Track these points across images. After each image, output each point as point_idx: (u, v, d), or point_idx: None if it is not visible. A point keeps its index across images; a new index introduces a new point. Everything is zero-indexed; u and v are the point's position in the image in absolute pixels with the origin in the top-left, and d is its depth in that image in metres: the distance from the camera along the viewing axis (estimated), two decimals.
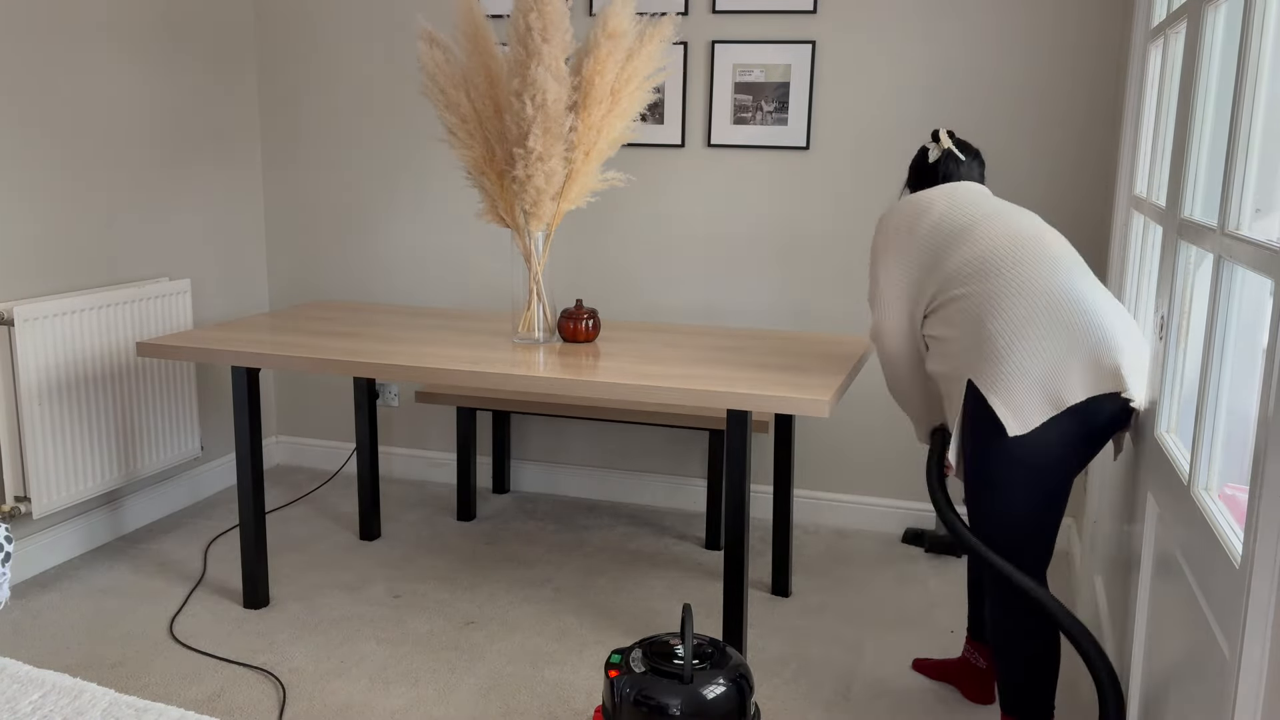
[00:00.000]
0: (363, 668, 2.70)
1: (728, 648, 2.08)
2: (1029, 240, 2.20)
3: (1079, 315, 2.09)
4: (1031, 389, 2.08)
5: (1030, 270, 2.14)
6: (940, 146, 2.45)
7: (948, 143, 2.45)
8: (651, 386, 2.40)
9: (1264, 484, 1.23)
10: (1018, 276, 2.14)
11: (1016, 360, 2.09)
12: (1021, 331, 2.09)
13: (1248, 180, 1.54)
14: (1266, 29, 1.50)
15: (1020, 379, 2.08)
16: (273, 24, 4.01)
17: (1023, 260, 2.16)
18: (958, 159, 2.44)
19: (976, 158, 2.48)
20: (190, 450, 3.71)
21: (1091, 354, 2.07)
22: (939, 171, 2.44)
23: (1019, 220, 2.26)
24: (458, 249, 3.96)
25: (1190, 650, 1.59)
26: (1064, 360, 2.07)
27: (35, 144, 3.13)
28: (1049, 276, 2.13)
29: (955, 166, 2.43)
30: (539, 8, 2.60)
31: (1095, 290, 2.15)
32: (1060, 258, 2.19)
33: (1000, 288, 2.14)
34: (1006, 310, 2.12)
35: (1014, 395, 2.09)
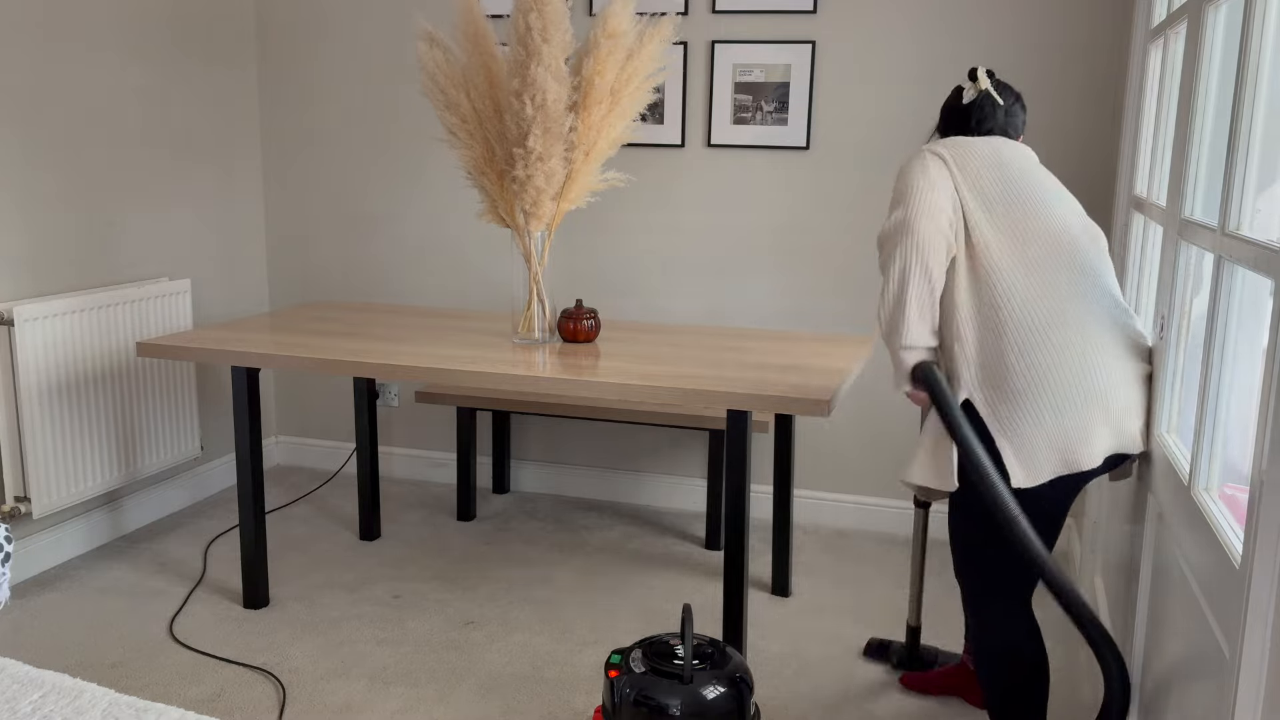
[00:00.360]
0: (363, 668, 2.69)
1: (728, 648, 2.07)
2: (1059, 246, 2.01)
3: (1097, 370, 1.95)
4: (1046, 443, 1.94)
5: (1049, 289, 1.97)
6: (977, 87, 2.18)
7: (986, 83, 2.17)
8: (651, 386, 2.40)
9: (1264, 484, 1.23)
10: (1033, 296, 1.96)
11: (1035, 409, 1.93)
12: (1037, 377, 1.93)
13: (1248, 180, 1.54)
14: (1267, 29, 1.50)
15: (1035, 429, 1.94)
16: (273, 24, 4.01)
17: (1044, 274, 1.98)
18: (995, 102, 2.16)
19: (1018, 100, 2.20)
20: (190, 450, 3.71)
21: (1111, 416, 1.95)
22: (973, 116, 2.17)
23: (1058, 215, 2.04)
24: (458, 249, 3.96)
25: (1190, 650, 1.59)
26: (1083, 420, 1.93)
27: (35, 144, 3.13)
28: (1066, 304, 1.97)
29: (993, 111, 2.16)
30: (539, 8, 2.60)
31: (1108, 325, 2.00)
32: (1084, 272, 2.01)
33: (1012, 306, 1.96)
34: (1018, 340, 1.95)
35: (1026, 444, 1.95)
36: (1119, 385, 1.96)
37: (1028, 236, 2.00)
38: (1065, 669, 2.75)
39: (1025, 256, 1.98)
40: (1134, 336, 2.04)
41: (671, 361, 2.64)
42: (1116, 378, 1.96)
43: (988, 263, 1.99)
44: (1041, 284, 1.97)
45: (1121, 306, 2.06)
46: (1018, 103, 2.20)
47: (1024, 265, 1.98)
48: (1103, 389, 1.95)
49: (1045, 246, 2.00)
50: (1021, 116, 2.21)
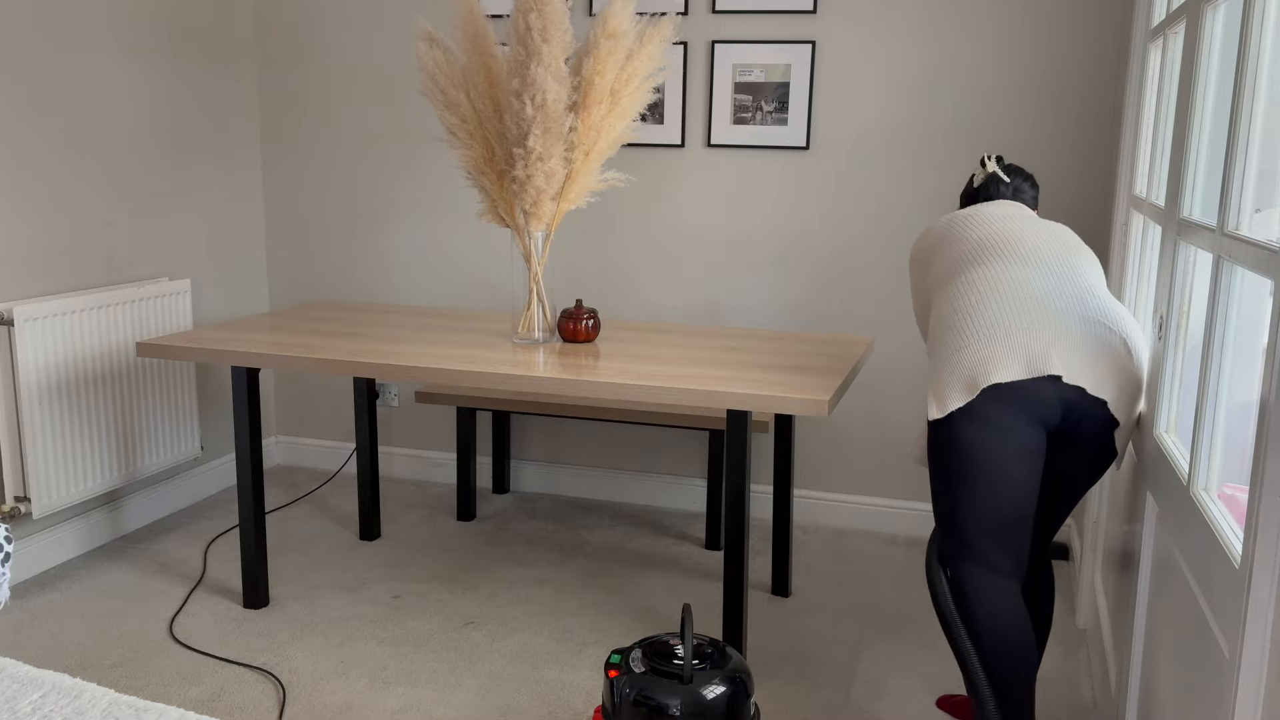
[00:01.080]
0: (363, 668, 2.70)
1: (727, 648, 2.07)
2: (1002, 241, 2.15)
3: (1021, 297, 2.03)
4: (953, 374, 2.04)
5: (986, 268, 2.10)
6: (985, 172, 2.40)
7: (992, 166, 2.39)
8: (651, 386, 2.40)
9: (1264, 484, 1.23)
10: (980, 274, 2.10)
11: (946, 346, 2.07)
12: (954, 320, 2.08)
13: (1247, 180, 1.54)
14: (1266, 28, 1.50)
15: (945, 364, 2.06)
16: (273, 24, 4.01)
17: (983, 260, 2.12)
18: (1001, 181, 2.37)
19: (1028, 180, 2.39)
20: (190, 450, 3.71)
21: (1018, 333, 2.00)
22: (979, 197, 2.40)
23: (1015, 227, 2.19)
24: (458, 249, 3.96)
25: (1190, 650, 1.59)
26: (988, 346, 2.01)
27: (35, 144, 3.13)
28: (1009, 268, 2.09)
29: (997, 189, 2.37)
30: (539, 8, 2.60)
31: (1063, 280, 2.07)
32: (1035, 252, 2.12)
33: (961, 287, 2.11)
34: (953, 306, 2.10)
35: (938, 379, 2.07)
36: (1041, 319, 2.00)
37: (964, 245, 2.18)
38: (1065, 669, 2.75)
39: (981, 254, 2.14)
40: (1120, 315, 2.06)
41: (671, 361, 2.64)
42: (1045, 318, 2.00)
43: (947, 275, 2.19)
44: (991, 266, 2.11)
45: (1105, 293, 2.10)
46: (1027, 181, 2.37)
47: (979, 260, 2.13)
48: (1012, 319, 2.01)
49: (977, 244, 2.16)
50: (1030, 194, 2.37)
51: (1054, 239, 2.17)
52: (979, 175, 2.40)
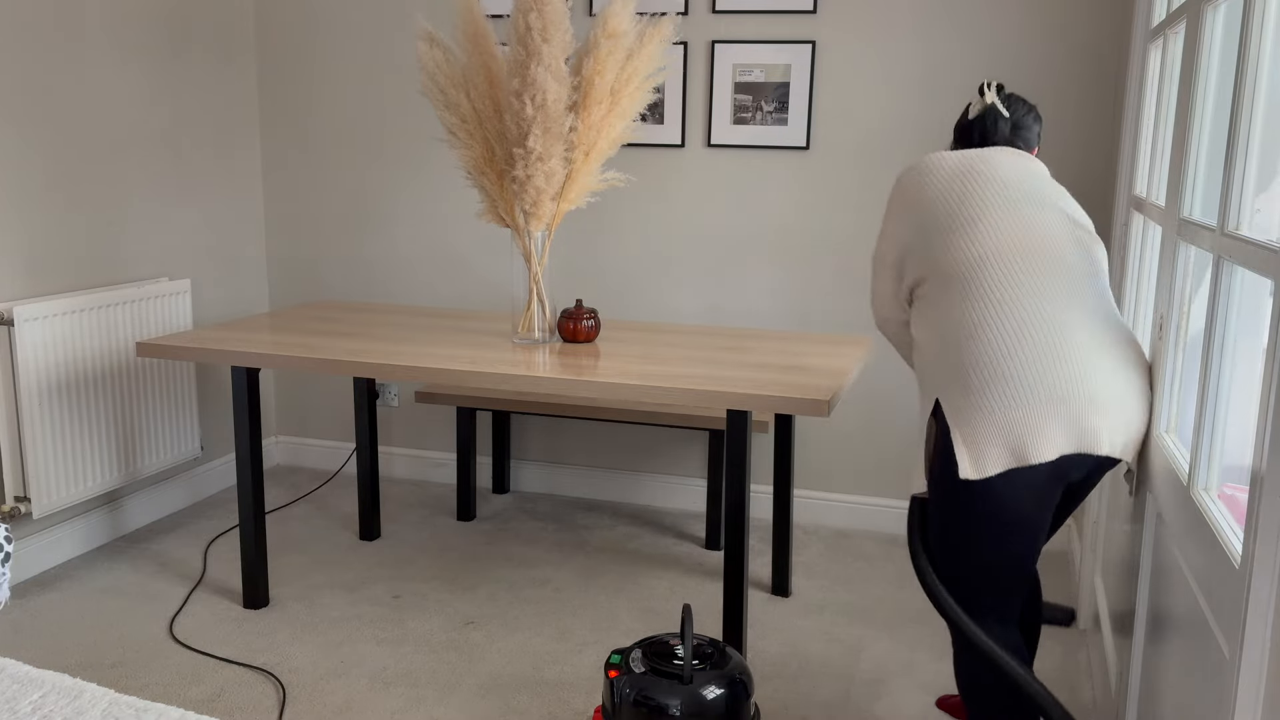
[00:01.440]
0: (363, 668, 2.70)
1: (727, 648, 2.07)
2: (1034, 250, 1.94)
3: (1071, 357, 1.86)
4: (995, 434, 1.86)
5: (1024, 291, 1.91)
6: (983, 102, 2.12)
7: (992, 97, 2.11)
8: (651, 386, 2.40)
9: (1264, 484, 1.23)
10: (1007, 298, 1.90)
11: (986, 399, 1.87)
12: (998, 368, 1.87)
13: (1247, 180, 1.54)
14: (1266, 28, 1.50)
15: (985, 420, 1.86)
16: (273, 24, 4.01)
17: (1018, 277, 1.92)
18: (1000, 116, 2.10)
19: (1030, 112, 2.13)
20: (190, 450, 3.71)
21: (1071, 410, 1.84)
22: (975, 131, 2.13)
23: (1034, 219, 1.97)
24: (458, 249, 3.96)
25: (1190, 650, 1.59)
26: (1037, 412, 1.84)
27: (35, 144, 3.13)
28: (1042, 303, 1.89)
29: (995, 125, 2.10)
30: (539, 8, 2.60)
31: (1104, 330, 1.91)
32: (1064, 275, 1.93)
33: (985, 310, 1.91)
34: (986, 338, 1.89)
35: (975, 435, 1.87)
36: (1088, 384, 1.85)
37: (991, 241, 1.95)
38: (1065, 669, 2.75)
39: (1000, 264, 1.93)
40: (1131, 344, 1.97)
41: (671, 361, 2.64)
42: (1091, 379, 1.86)
43: (957, 274, 1.96)
44: (1016, 289, 1.91)
45: (1116, 315, 1.98)
46: (1030, 114, 2.13)
47: (999, 272, 1.93)
48: (1064, 386, 1.85)
49: (1021, 252, 1.93)
50: (1035, 129, 2.14)
51: (1075, 235, 1.99)
52: (975, 105, 2.14)
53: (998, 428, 1.86)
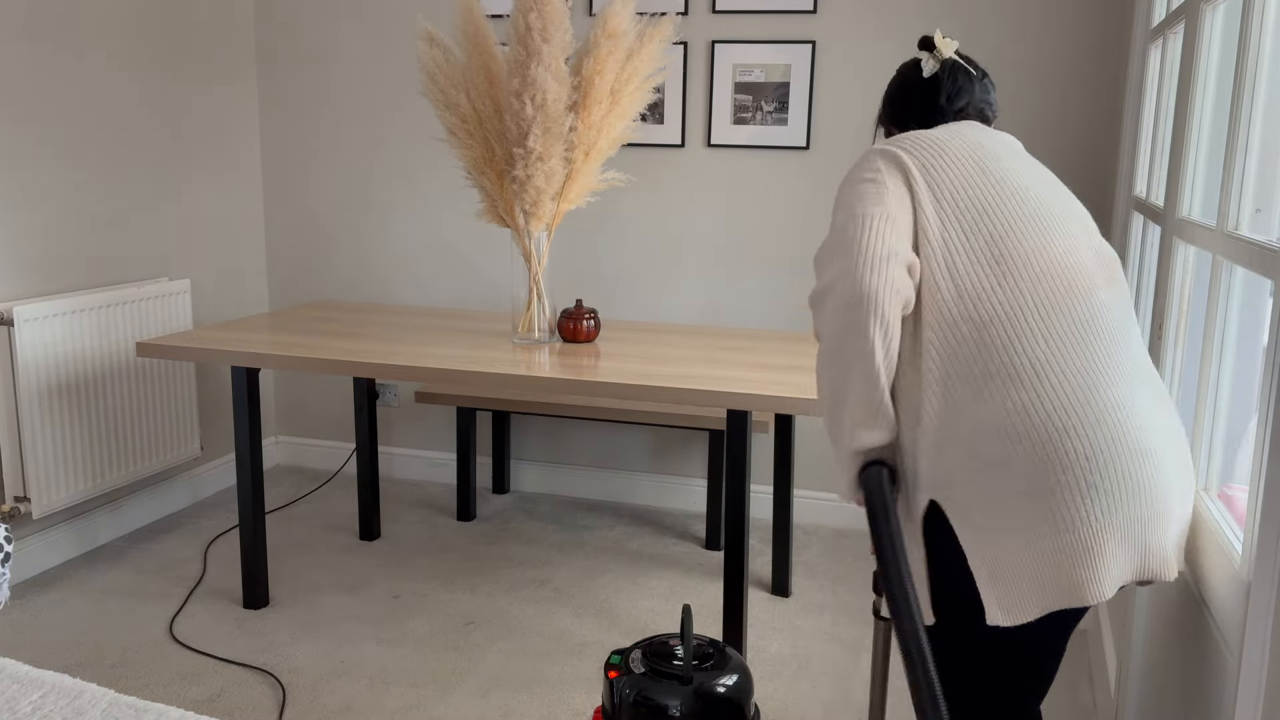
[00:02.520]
0: (363, 668, 2.69)
1: (727, 648, 2.07)
2: (1072, 294, 1.42)
3: (1134, 453, 1.36)
4: (1040, 567, 1.36)
5: (1078, 364, 1.38)
6: (937, 56, 1.63)
7: (950, 50, 1.62)
8: (651, 386, 2.40)
9: (1264, 484, 1.23)
10: (1056, 372, 1.38)
11: (1027, 514, 1.36)
12: (1047, 472, 1.35)
13: (1246, 180, 1.54)
14: (1265, 28, 1.50)
15: (1026, 545, 1.36)
16: (273, 24, 4.01)
17: (1068, 341, 1.39)
18: (967, 73, 1.62)
19: (986, 74, 1.66)
20: (190, 450, 3.71)
21: (1143, 525, 1.37)
22: (942, 92, 1.61)
23: (1065, 247, 1.45)
24: (458, 249, 3.96)
25: (1190, 650, 1.59)
26: (1105, 533, 1.35)
27: (35, 144, 3.13)
28: (1102, 375, 1.39)
29: (968, 84, 1.61)
30: (539, 8, 2.60)
31: (1154, 403, 1.43)
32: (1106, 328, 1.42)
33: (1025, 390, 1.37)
34: (1027, 431, 1.36)
35: (1008, 565, 1.38)
36: (1162, 484, 1.38)
37: (1023, 279, 1.42)
38: (1065, 669, 2.75)
39: (1039, 317, 1.41)
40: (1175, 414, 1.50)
41: (671, 361, 2.64)
42: (1163, 478, 1.38)
43: (971, 314, 1.41)
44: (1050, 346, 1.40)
45: (1155, 372, 1.50)
46: (986, 78, 1.67)
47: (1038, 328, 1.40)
48: (1138, 492, 1.36)
49: (1060, 299, 1.42)
50: (994, 94, 1.68)
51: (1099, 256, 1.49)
52: (929, 62, 1.63)
53: (1039, 557, 1.36)
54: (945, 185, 1.46)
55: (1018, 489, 1.36)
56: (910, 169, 1.47)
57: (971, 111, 1.63)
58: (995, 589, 1.39)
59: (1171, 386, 1.97)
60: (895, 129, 1.66)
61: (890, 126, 1.68)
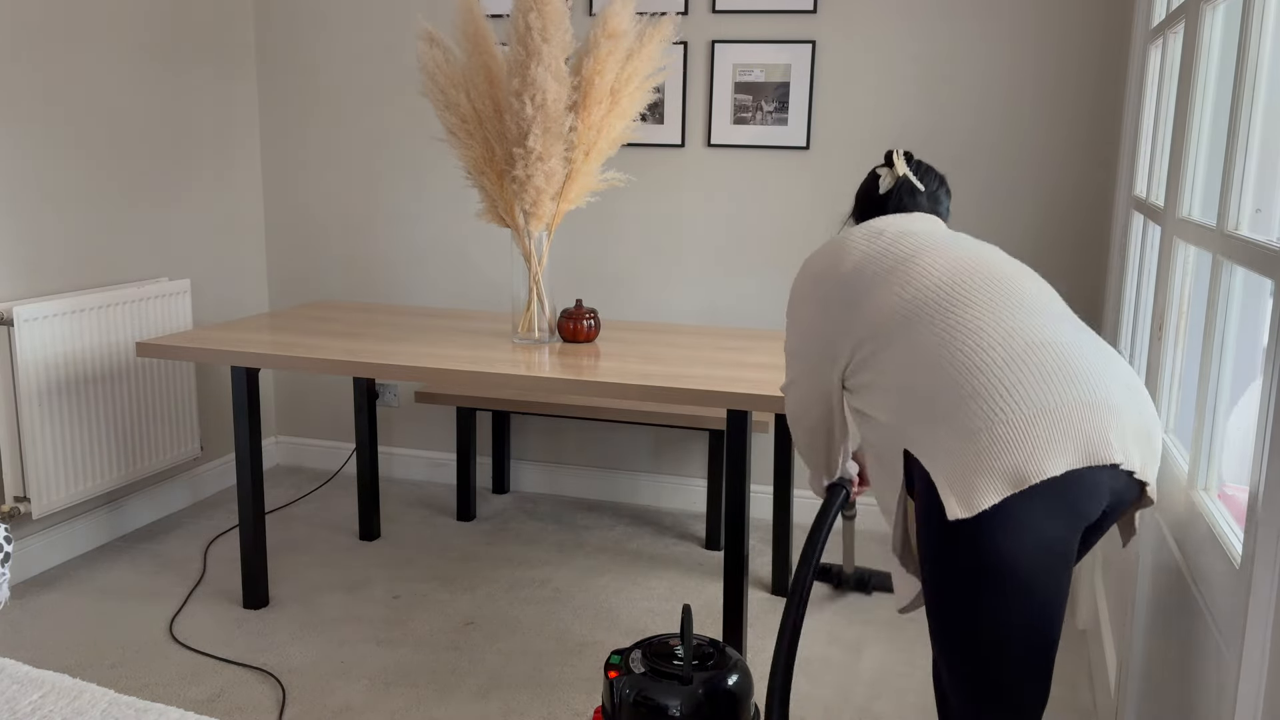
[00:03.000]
0: (363, 668, 2.69)
1: (727, 648, 2.07)
2: (982, 273, 1.70)
3: (1052, 357, 1.57)
4: (981, 457, 1.52)
5: (983, 309, 1.64)
6: (894, 173, 1.94)
7: (903, 168, 1.94)
8: (651, 386, 2.40)
9: (1264, 484, 1.23)
10: (964, 317, 1.63)
11: (961, 418, 1.55)
12: (970, 383, 1.56)
13: (1246, 180, 1.54)
14: (1265, 28, 1.50)
15: (966, 443, 1.54)
16: (273, 24, 4.01)
17: (972, 297, 1.66)
18: (913, 189, 1.93)
19: (941, 185, 1.97)
20: (190, 450, 3.71)
21: (1071, 411, 1.53)
22: (890, 205, 1.95)
23: (972, 251, 1.76)
24: (458, 249, 3.96)
25: (1190, 650, 1.59)
26: (1029, 419, 1.52)
27: (35, 144, 3.13)
28: (1009, 314, 1.63)
29: (912, 198, 1.93)
30: (539, 8, 2.60)
31: (1079, 333, 1.64)
32: (1027, 295, 1.68)
33: (942, 333, 1.63)
34: (948, 358, 1.60)
35: (956, 465, 1.54)
36: (1092, 382, 1.56)
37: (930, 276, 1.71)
38: (1065, 669, 2.75)
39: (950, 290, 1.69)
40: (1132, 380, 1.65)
41: (671, 361, 2.64)
42: (1094, 377, 1.57)
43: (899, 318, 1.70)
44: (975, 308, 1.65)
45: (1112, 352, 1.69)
46: (942, 187, 1.96)
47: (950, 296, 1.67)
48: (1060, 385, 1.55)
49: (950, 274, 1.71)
50: (946, 202, 1.97)
51: (1028, 274, 1.77)
52: (886, 178, 1.95)
53: (984, 448, 1.53)
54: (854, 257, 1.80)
55: (951, 404, 1.58)
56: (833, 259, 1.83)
57: None
58: (953, 489, 1.55)
59: (1172, 386, 1.97)
60: (855, 222, 2.03)
61: (856, 219, 2.03)
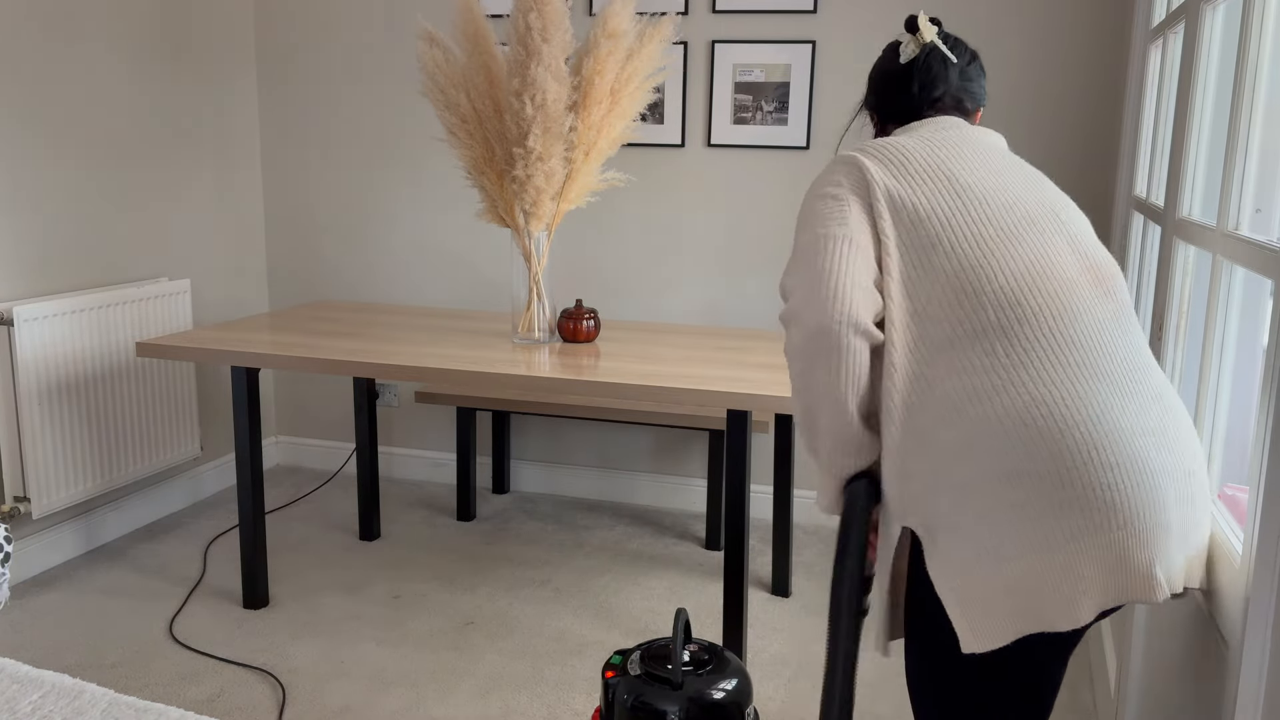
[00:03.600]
0: (362, 668, 2.69)
1: (727, 653, 2.07)
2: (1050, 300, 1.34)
3: (1111, 475, 1.26)
4: (1005, 588, 1.28)
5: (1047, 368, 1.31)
6: (919, 40, 1.55)
7: (931, 34, 1.55)
8: (651, 386, 2.40)
9: (1264, 484, 1.23)
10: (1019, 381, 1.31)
11: (985, 540, 1.28)
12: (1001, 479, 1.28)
13: (1247, 180, 1.54)
14: (1265, 28, 1.50)
15: (990, 573, 1.29)
16: (273, 24, 4.01)
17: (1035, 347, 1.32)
18: (946, 61, 1.55)
19: (974, 61, 1.58)
20: (190, 450, 3.71)
21: (1117, 543, 1.26)
22: (915, 80, 1.54)
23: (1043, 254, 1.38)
24: (458, 249, 3.96)
25: (1190, 650, 1.59)
26: (1063, 553, 1.25)
27: (35, 143, 3.13)
28: (1075, 386, 1.30)
29: (944, 72, 1.54)
30: (539, 8, 2.60)
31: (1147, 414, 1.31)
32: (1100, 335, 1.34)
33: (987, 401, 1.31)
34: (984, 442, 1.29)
35: (972, 594, 1.30)
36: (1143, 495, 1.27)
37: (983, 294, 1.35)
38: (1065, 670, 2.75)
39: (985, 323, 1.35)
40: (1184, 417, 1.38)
41: (671, 361, 2.64)
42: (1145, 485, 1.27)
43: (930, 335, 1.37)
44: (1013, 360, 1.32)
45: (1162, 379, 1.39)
46: (974, 62, 1.59)
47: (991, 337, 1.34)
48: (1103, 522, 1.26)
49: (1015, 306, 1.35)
50: (980, 81, 1.59)
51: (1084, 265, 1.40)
52: (909, 45, 1.56)
53: (1007, 581, 1.28)
54: (906, 200, 1.41)
55: (982, 509, 1.28)
56: (872, 184, 1.42)
57: (948, 101, 1.56)
58: (964, 618, 1.31)
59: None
60: (875, 115, 1.63)
61: (871, 112, 1.64)
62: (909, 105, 1.57)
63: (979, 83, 1.59)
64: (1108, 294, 1.40)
